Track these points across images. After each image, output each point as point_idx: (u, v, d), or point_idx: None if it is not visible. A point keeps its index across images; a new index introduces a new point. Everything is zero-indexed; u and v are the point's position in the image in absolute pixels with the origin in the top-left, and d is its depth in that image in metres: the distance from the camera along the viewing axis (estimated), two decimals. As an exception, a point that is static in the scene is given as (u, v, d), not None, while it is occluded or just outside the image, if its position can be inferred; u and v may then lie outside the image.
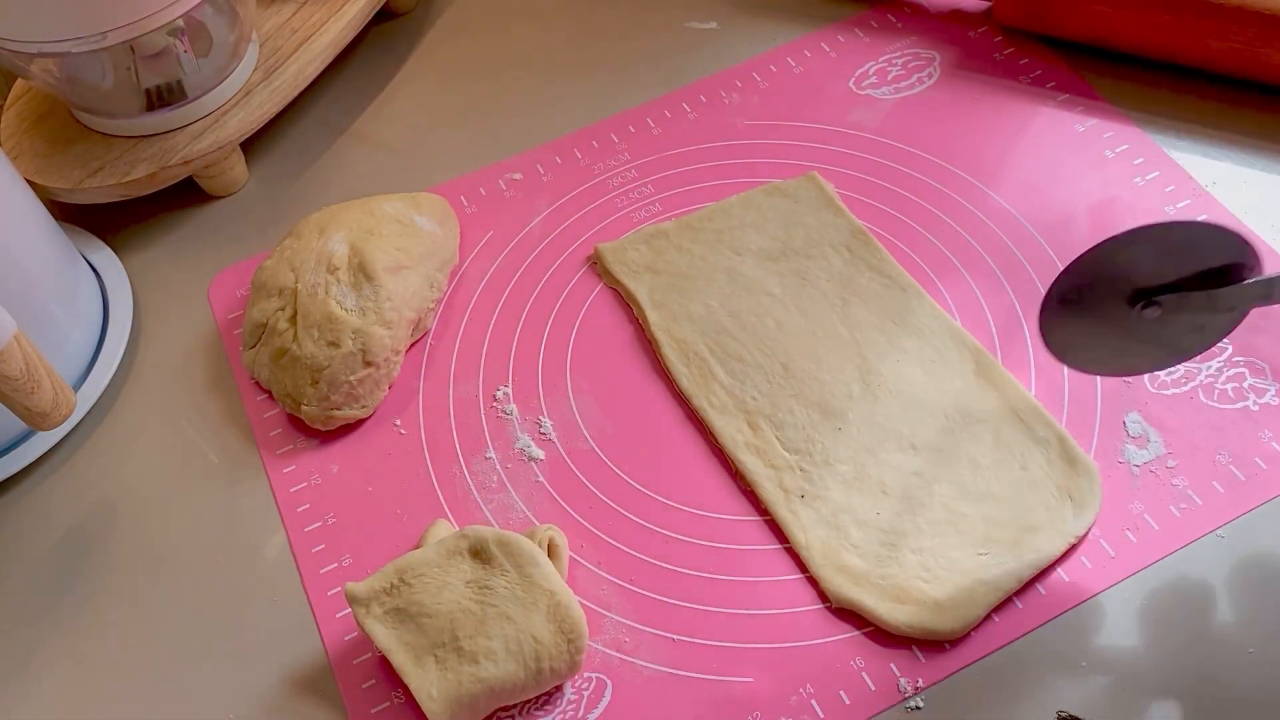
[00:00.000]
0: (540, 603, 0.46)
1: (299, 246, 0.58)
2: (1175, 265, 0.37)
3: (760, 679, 0.47)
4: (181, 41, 0.63)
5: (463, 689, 0.45)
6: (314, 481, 0.55)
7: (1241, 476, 0.50)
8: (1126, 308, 0.38)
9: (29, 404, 0.49)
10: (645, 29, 0.75)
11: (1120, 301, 0.38)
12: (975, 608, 0.47)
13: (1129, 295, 0.38)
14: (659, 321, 0.58)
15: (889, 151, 0.65)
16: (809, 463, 0.52)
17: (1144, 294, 0.38)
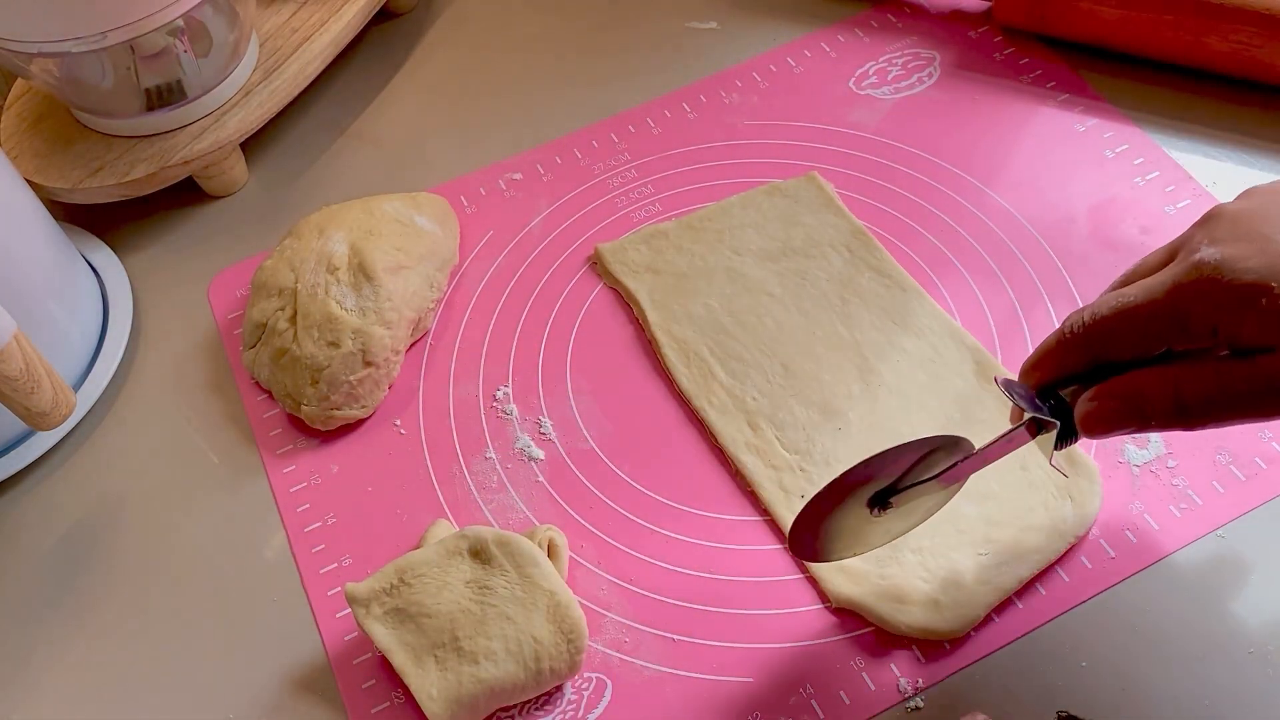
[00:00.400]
0: (540, 603, 0.46)
1: (299, 246, 0.58)
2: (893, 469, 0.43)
3: (760, 679, 0.47)
4: (181, 41, 0.63)
5: (463, 689, 0.45)
6: (314, 481, 0.55)
7: (1241, 476, 0.50)
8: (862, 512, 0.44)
9: (29, 404, 0.49)
10: (645, 29, 0.75)
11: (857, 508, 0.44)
12: (975, 608, 0.47)
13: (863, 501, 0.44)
14: (659, 321, 0.58)
15: (889, 151, 0.65)
16: (809, 463, 0.52)
17: (878, 496, 0.44)
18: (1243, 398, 0.37)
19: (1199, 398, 0.38)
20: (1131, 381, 0.39)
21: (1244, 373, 0.37)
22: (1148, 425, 0.39)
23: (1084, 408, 0.40)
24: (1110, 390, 0.40)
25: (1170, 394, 0.38)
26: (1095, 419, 0.40)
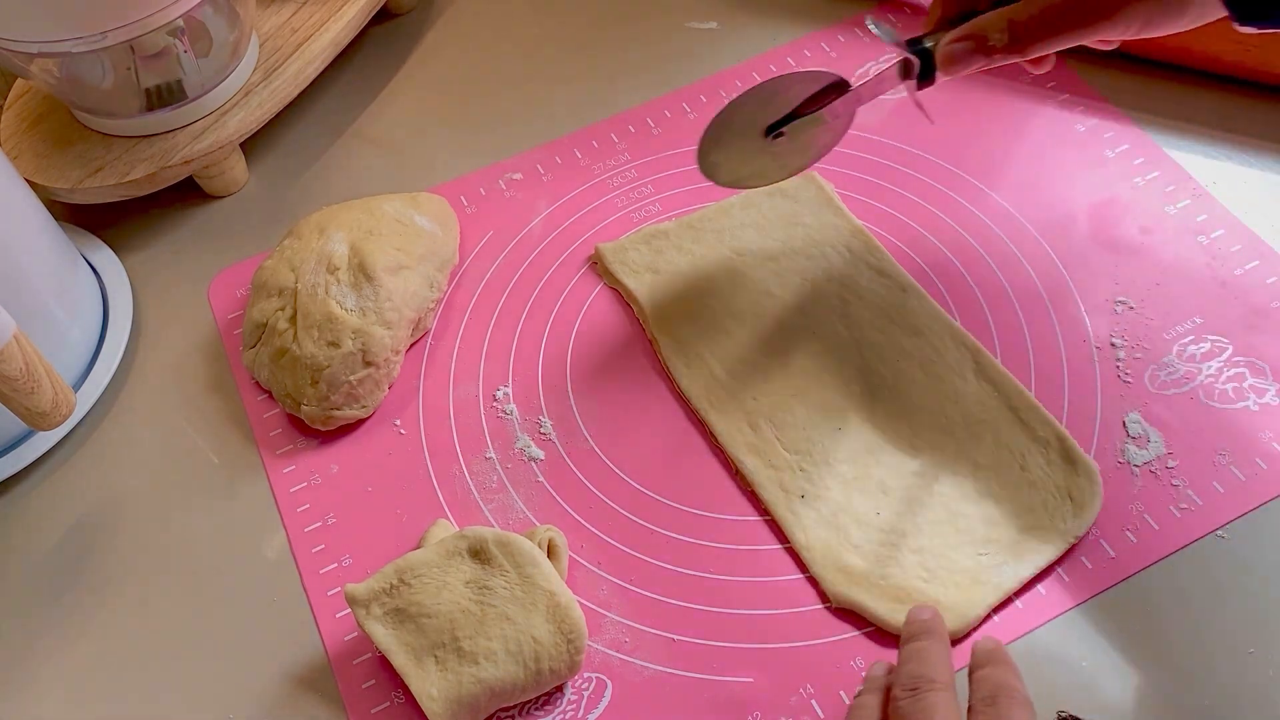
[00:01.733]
0: (540, 603, 0.46)
1: (299, 246, 0.58)
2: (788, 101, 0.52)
3: (760, 679, 0.47)
4: (181, 41, 0.63)
5: (463, 689, 0.45)
6: (314, 481, 0.55)
7: (1241, 476, 0.50)
8: (763, 140, 0.53)
9: (29, 404, 0.49)
10: (645, 29, 0.75)
11: (757, 135, 0.53)
12: (975, 608, 0.47)
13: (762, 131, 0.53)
14: (659, 321, 0.58)
15: (889, 151, 0.65)
16: (809, 463, 0.52)
17: (771, 128, 0.52)
18: (1061, 15, 0.44)
19: (1028, 20, 0.44)
20: (975, 22, 0.46)
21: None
22: (991, 56, 0.46)
23: (940, 50, 0.48)
24: (959, 32, 0.47)
25: (1004, 25, 0.45)
26: (947, 57, 0.47)
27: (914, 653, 0.41)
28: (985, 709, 0.39)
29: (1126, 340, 0.55)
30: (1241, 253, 0.58)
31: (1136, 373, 0.54)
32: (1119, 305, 0.57)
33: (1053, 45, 0.45)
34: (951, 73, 0.48)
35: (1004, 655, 0.42)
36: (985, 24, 0.46)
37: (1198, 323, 0.55)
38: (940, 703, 0.38)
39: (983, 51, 0.46)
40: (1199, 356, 0.54)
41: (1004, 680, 0.40)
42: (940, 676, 0.40)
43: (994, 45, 0.45)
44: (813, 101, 0.52)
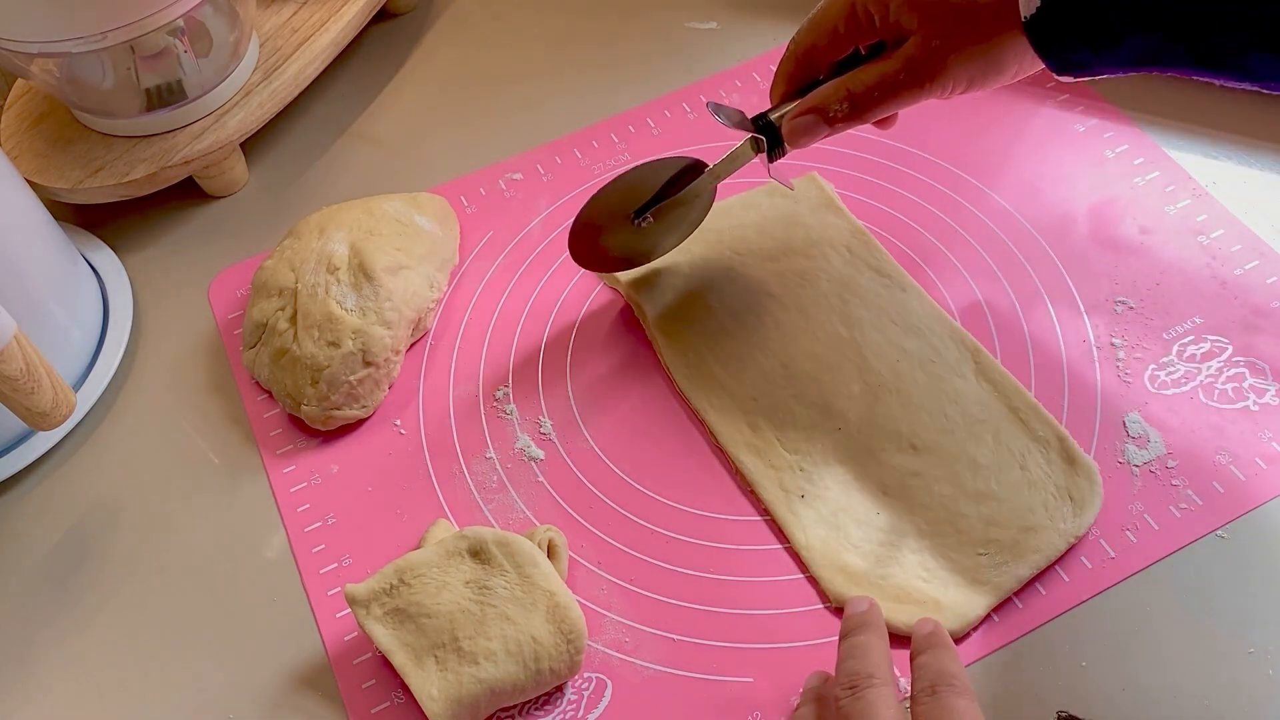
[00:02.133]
0: (540, 603, 0.46)
1: (299, 246, 0.58)
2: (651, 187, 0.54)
3: (760, 679, 0.47)
4: (181, 41, 0.63)
5: (463, 689, 0.45)
6: (314, 481, 0.55)
7: (1241, 476, 0.50)
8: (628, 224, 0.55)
9: (29, 404, 0.49)
10: (645, 29, 0.75)
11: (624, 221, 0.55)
12: (975, 608, 0.47)
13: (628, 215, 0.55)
14: (659, 322, 0.58)
15: (889, 151, 0.65)
16: (809, 463, 0.52)
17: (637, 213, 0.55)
18: (893, 82, 0.46)
19: (863, 90, 0.47)
20: (815, 94, 0.49)
21: (890, 62, 0.46)
22: (834, 125, 0.48)
23: (785, 126, 0.49)
24: (801, 107, 0.49)
25: (843, 94, 0.47)
26: (793, 131, 0.49)
27: (851, 649, 0.42)
28: (926, 699, 0.39)
29: (1126, 340, 0.55)
30: (1241, 253, 0.58)
31: (1136, 373, 0.54)
32: (1119, 305, 0.57)
33: (888, 110, 0.48)
34: (799, 145, 0.50)
35: (942, 639, 0.42)
36: (825, 97, 0.48)
37: (1198, 323, 0.55)
38: (880, 699, 0.39)
39: (826, 122, 0.48)
40: (1199, 356, 0.54)
41: (943, 667, 0.40)
42: (879, 672, 0.40)
43: (835, 115, 0.48)
44: (673, 185, 0.54)
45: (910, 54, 0.46)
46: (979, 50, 0.45)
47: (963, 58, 0.45)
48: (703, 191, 0.55)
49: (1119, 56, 0.42)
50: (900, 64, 0.46)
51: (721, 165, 0.53)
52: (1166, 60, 0.42)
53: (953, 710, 0.38)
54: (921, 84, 0.46)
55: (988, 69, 0.46)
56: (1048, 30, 0.43)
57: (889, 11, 0.46)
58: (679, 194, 0.54)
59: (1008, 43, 0.44)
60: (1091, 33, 0.42)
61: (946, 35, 0.45)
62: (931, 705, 0.39)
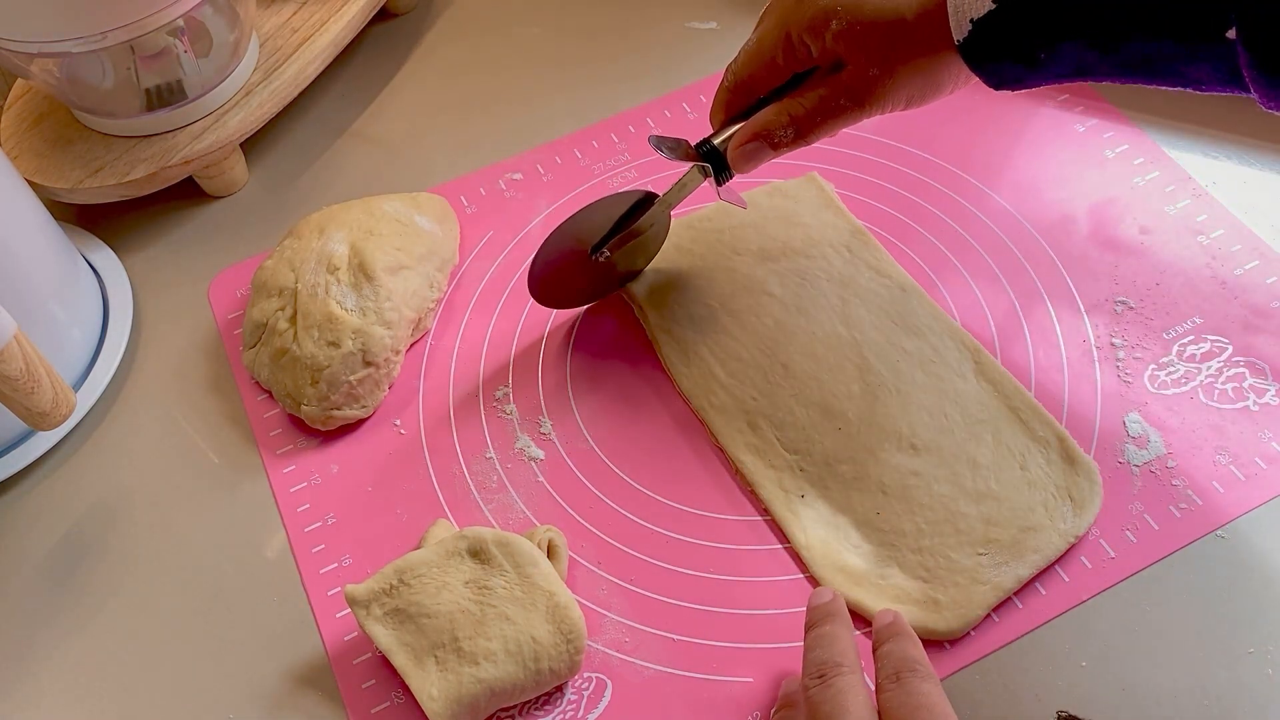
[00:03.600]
0: (539, 603, 0.46)
1: (299, 246, 0.58)
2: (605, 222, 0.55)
3: (760, 679, 0.47)
4: (181, 41, 0.63)
5: (463, 689, 0.45)
6: (314, 481, 0.55)
7: (1241, 476, 0.50)
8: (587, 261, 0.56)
9: (29, 404, 0.49)
10: (645, 29, 0.75)
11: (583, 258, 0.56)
12: (975, 608, 0.47)
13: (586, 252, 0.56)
14: (659, 321, 0.58)
15: (889, 151, 0.65)
16: (809, 463, 0.52)
17: (594, 248, 0.55)
18: (833, 105, 0.47)
19: (805, 114, 0.48)
20: (757, 120, 0.49)
21: (830, 86, 0.47)
22: (778, 149, 0.49)
23: (731, 153, 0.50)
24: (745, 134, 0.49)
25: (785, 120, 0.48)
26: (740, 157, 0.50)
27: (818, 639, 0.42)
28: (891, 686, 0.40)
29: (1126, 340, 0.55)
30: (1241, 253, 0.58)
31: (1136, 373, 0.54)
32: (1119, 305, 0.57)
33: (831, 131, 0.49)
34: (745, 169, 0.50)
35: (903, 627, 0.43)
36: (769, 122, 0.49)
37: (1198, 323, 0.55)
38: (849, 686, 0.39)
39: (771, 146, 0.49)
40: (1199, 356, 0.54)
41: (906, 654, 0.41)
42: (846, 660, 0.40)
43: (779, 140, 0.49)
44: (628, 218, 0.55)
45: (848, 80, 0.47)
46: (915, 72, 0.46)
47: (899, 80, 0.46)
48: (657, 219, 0.56)
49: (1050, 71, 0.44)
50: (839, 89, 0.47)
51: (671, 194, 0.53)
52: (1095, 71, 0.43)
53: (918, 694, 0.39)
54: (861, 106, 0.47)
55: (925, 88, 0.47)
56: (981, 50, 0.44)
57: (825, 41, 0.46)
58: (634, 225, 0.55)
59: (943, 63, 0.45)
60: (1022, 50, 0.43)
61: (883, 60, 0.46)
62: (897, 691, 0.39)
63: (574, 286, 0.58)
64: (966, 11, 0.43)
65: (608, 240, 0.55)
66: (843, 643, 0.41)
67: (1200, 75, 0.41)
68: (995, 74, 0.45)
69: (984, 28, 0.43)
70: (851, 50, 0.46)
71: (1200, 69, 0.41)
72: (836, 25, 0.46)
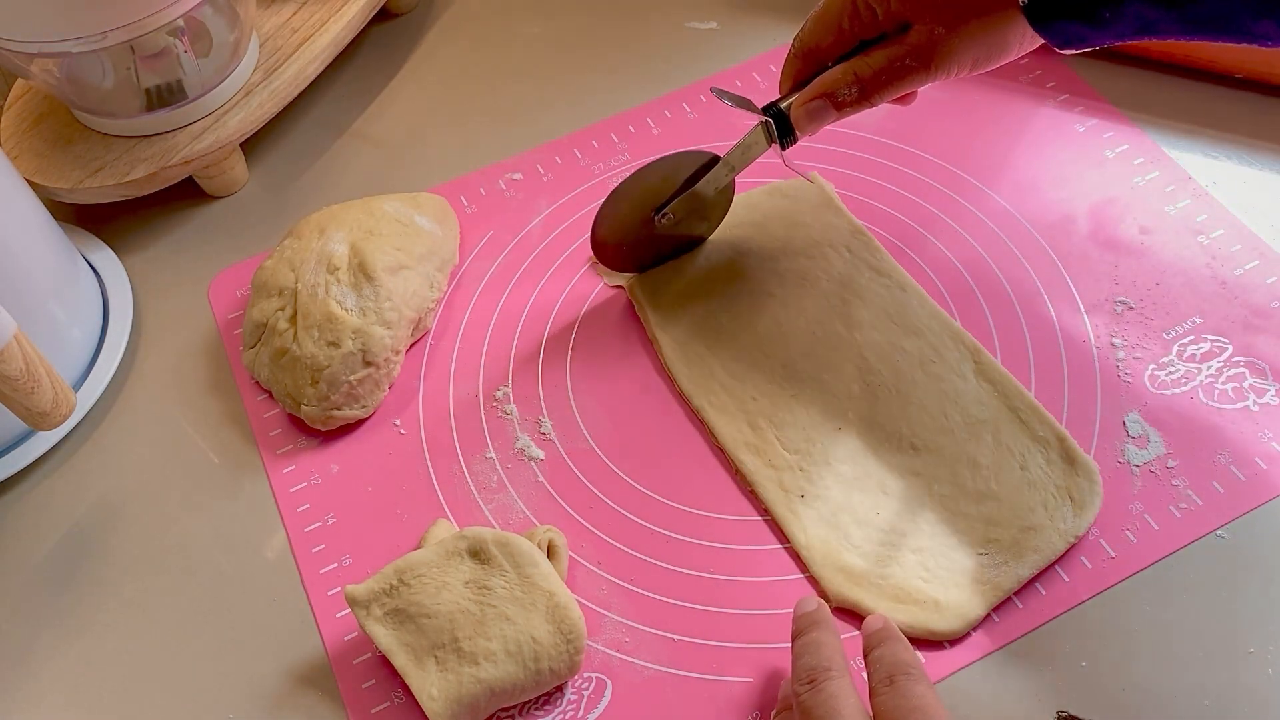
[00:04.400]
0: (539, 604, 0.46)
1: (299, 246, 0.58)
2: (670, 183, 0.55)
3: (760, 679, 0.47)
4: (181, 41, 0.63)
5: (463, 689, 0.45)
6: (314, 481, 0.55)
7: (1241, 476, 0.50)
8: (651, 223, 0.56)
9: (29, 404, 0.49)
10: (645, 29, 0.75)
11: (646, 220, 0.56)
12: (975, 608, 0.47)
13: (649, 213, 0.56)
14: (659, 321, 0.58)
15: (889, 151, 0.65)
16: (809, 463, 0.52)
17: (657, 210, 0.56)
18: (900, 66, 0.48)
19: (870, 74, 0.48)
20: (823, 79, 0.50)
21: (897, 47, 0.47)
22: (842, 109, 0.50)
23: (794, 110, 0.51)
24: (810, 91, 0.50)
25: (851, 79, 0.49)
26: (803, 116, 0.51)
27: (806, 646, 0.42)
28: (885, 689, 0.40)
29: (1126, 340, 0.55)
30: (1241, 253, 0.58)
31: (1136, 373, 0.54)
32: (1119, 305, 0.57)
33: (896, 92, 0.49)
34: (809, 130, 0.51)
35: (893, 632, 0.43)
36: (833, 81, 0.49)
37: (1198, 323, 0.55)
38: (839, 690, 0.40)
39: (835, 106, 0.50)
40: (1199, 356, 0.54)
41: (897, 657, 0.41)
42: (834, 664, 0.41)
43: (843, 99, 0.49)
44: (691, 180, 0.55)
45: (916, 40, 0.47)
46: (981, 33, 0.46)
47: (966, 40, 0.47)
48: (721, 183, 0.55)
49: (1115, 29, 0.44)
50: (906, 49, 0.47)
51: (735, 155, 0.53)
52: (1160, 28, 0.43)
53: (911, 695, 0.39)
54: (927, 67, 0.47)
55: (991, 49, 0.47)
56: (1044, 9, 0.44)
57: (890, 4, 0.47)
58: (697, 188, 0.55)
59: (1008, 23, 0.46)
60: (1086, 7, 0.43)
61: (949, 21, 0.46)
62: (891, 694, 0.39)
63: (637, 248, 0.58)
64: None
65: (670, 202, 0.55)
66: (830, 648, 0.42)
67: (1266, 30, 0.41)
68: (1060, 33, 0.45)
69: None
70: (917, 10, 0.47)
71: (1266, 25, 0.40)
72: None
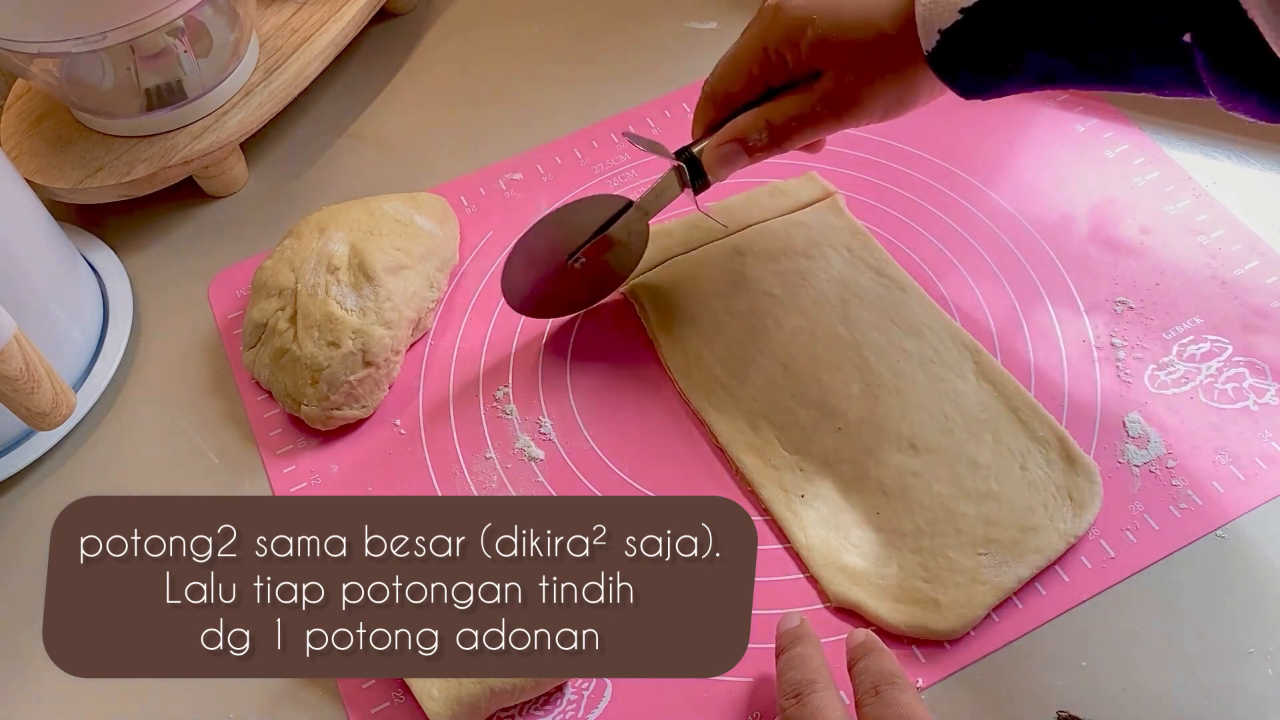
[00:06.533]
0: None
1: (299, 246, 0.58)
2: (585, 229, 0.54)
3: (760, 679, 0.47)
4: (181, 41, 0.63)
5: (464, 689, 0.45)
6: (314, 481, 0.55)
7: (1241, 476, 0.50)
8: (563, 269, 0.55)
9: (29, 404, 0.49)
10: (645, 29, 0.75)
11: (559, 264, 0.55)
12: (975, 608, 0.47)
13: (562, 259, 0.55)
14: (659, 321, 0.58)
15: (889, 151, 0.65)
16: (809, 463, 0.52)
17: (570, 255, 0.55)
18: (810, 113, 0.48)
19: (781, 121, 0.48)
20: (734, 124, 0.50)
21: (808, 95, 0.48)
22: (754, 154, 0.50)
23: (706, 154, 0.51)
24: (721, 136, 0.50)
25: (762, 125, 0.49)
26: (715, 160, 0.51)
27: (790, 661, 0.43)
28: (871, 700, 0.40)
29: (1126, 340, 0.55)
30: (1241, 253, 0.58)
31: (1136, 373, 0.54)
32: (1119, 305, 0.57)
33: (806, 139, 0.49)
34: (721, 175, 0.51)
35: (877, 644, 0.44)
36: (745, 126, 0.49)
37: (1198, 323, 0.55)
38: (825, 701, 0.40)
39: (746, 151, 0.50)
40: (1199, 356, 0.54)
41: (882, 668, 0.42)
42: (819, 677, 0.41)
43: (755, 145, 0.49)
44: (605, 225, 0.54)
45: (826, 88, 0.47)
46: (891, 82, 0.47)
47: (876, 90, 0.47)
48: (635, 227, 0.55)
49: (1019, 79, 0.45)
50: (816, 97, 0.48)
51: (648, 199, 0.53)
52: (1061, 78, 0.44)
53: (898, 705, 0.39)
54: (838, 115, 0.48)
55: (901, 98, 0.48)
56: (950, 60, 0.44)
57: (800, 51, 0.47)
58: (609, 232, 0.54)
59: (918, 73, 0.46)
60: (990, 59, 0.44)
61: (859, 71, 0.47)
62: (877, 704, 0.40)
63: (552, 295, 0.57)
64: (934, 22, 0.44)
65: (583, 247, 0.54)
66: (814, 661, 0.42)
67: (1163, 79, 0.42)
68: (964, 83, 0.45)
69: (952, 38, 0.44)
70: (827, 59, 0.47)
71: (1163, 73, 0.41)
72: (812, 33, 0.46)
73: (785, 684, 0.42)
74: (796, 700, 0.41)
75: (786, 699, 0.41)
